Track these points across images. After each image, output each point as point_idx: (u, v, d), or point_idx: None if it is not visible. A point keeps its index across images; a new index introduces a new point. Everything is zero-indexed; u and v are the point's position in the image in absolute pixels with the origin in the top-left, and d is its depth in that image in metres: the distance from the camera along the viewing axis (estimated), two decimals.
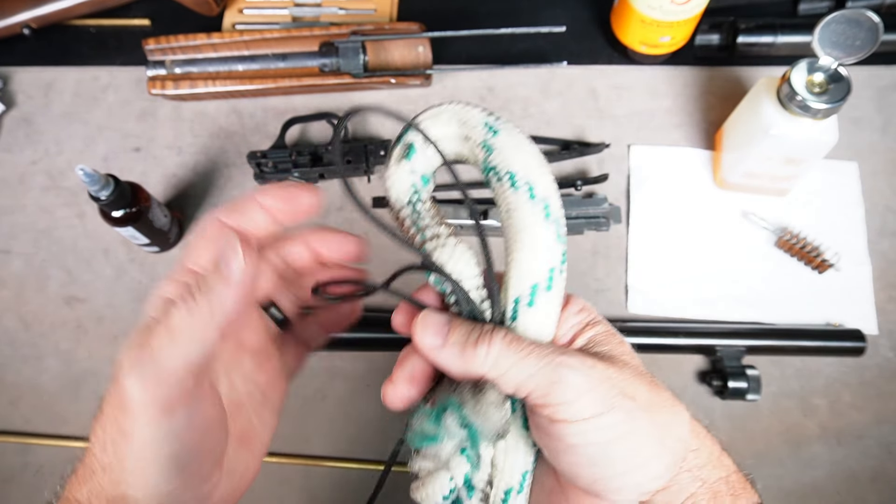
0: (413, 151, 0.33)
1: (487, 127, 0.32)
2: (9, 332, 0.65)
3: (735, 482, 0.30)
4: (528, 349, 0.29)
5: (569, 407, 0.28)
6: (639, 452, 0.29)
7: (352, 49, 0.67)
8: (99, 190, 0.55)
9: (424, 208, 0.34)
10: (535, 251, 0.31)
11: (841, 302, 0.62)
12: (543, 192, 0.31)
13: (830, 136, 0.55)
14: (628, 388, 0.29)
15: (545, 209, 0.31)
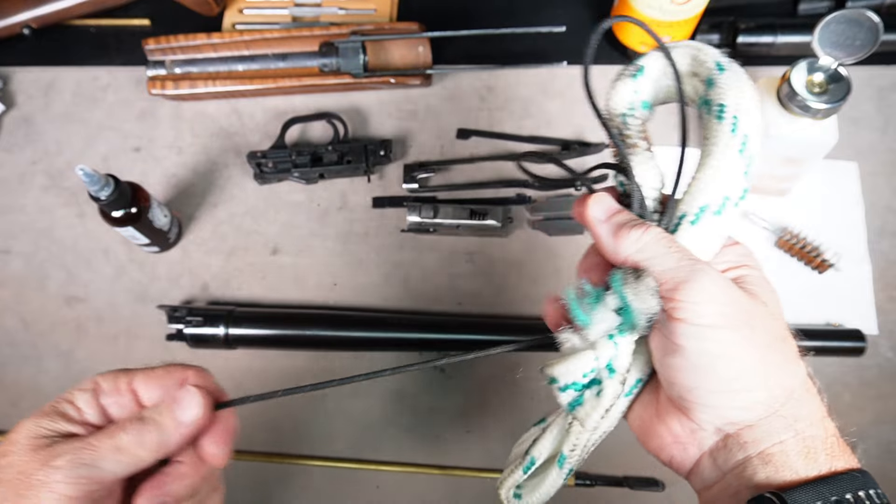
0: (641, 73, 0.36)
1: (717, 65, 0.35)
2: (9, 332, 0.65)
3: (833, 445, 0.31)
4: (677, 248, 0.31)
5: (691, 307, 0.29)
6: (739, 377, 0.29)
7: (352, 49, 0.67)
8: (99, 190, 0.55)
9: (634, 123, 0.37)
10: (717, 175, 0.32)
11: (841, 302, 0.62)
12: (746, 129, 0.32)
13: (830, 136, 0.55)
14: (755, 320, 0.30)
15: (742, 143, 0.32)
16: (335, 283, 0.64)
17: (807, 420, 0.31)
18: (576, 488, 0.56)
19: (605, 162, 0.36)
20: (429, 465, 0.58)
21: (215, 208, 0.68)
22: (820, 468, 0.29)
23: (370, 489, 0.58)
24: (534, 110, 0.70)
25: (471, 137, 0.69)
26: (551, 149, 0.68)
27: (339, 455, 0.59)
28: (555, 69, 0.71)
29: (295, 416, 0.60)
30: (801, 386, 0.31)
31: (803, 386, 0.31)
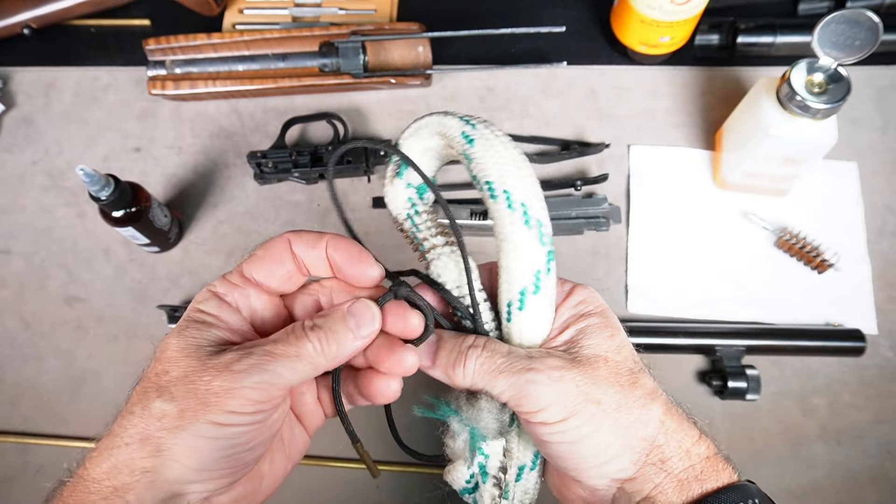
0: (404, 168, 0.35)
1: (464, 136, 0.33)
2: (9, 332, 0.65)
3: (705, 468, 0.33)
4: (500, 366, 0.33)
5: (538, 414, 0.32)
6: (603, 451, 0.32)
7: (352, 49, 0.67)
8: (99, 190, 0.55)
9: (421, 220, 0.36)
10: (519, 258, 0.33)
11: (840, 302, 0.62)
12: (521, 198, 0.32)
13: (830, 137, 0.55)
14: (595, 393, 0.32)
15: (524, 215, 0.32)
16: None
17: (676, 457, 0.33)
18: None
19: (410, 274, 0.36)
20: (429, 465, 0.58)
21: (215, 208, 0.68)
22: (693, 495, 0.32)
23: (370, 489, 0.58)
24: (534, 110, 0.70)
25: None
26: (551, 149, 0.68)
27: (339, 455, 0.59)
28: (555, 69, 0.71)
29: None
30: (659, 429, 0.33)
31: (661, 428, 0.33)
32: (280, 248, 0.35)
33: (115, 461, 0.31)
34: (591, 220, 0.64)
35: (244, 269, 0.35)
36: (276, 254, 0.35)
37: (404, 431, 0.60)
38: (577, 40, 0.73)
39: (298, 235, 0.35)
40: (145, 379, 0.32)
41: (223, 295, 0.35)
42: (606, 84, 0.71)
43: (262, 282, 0.35)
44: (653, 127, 0.69)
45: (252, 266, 0.35)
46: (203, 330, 0.33)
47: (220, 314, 0.34)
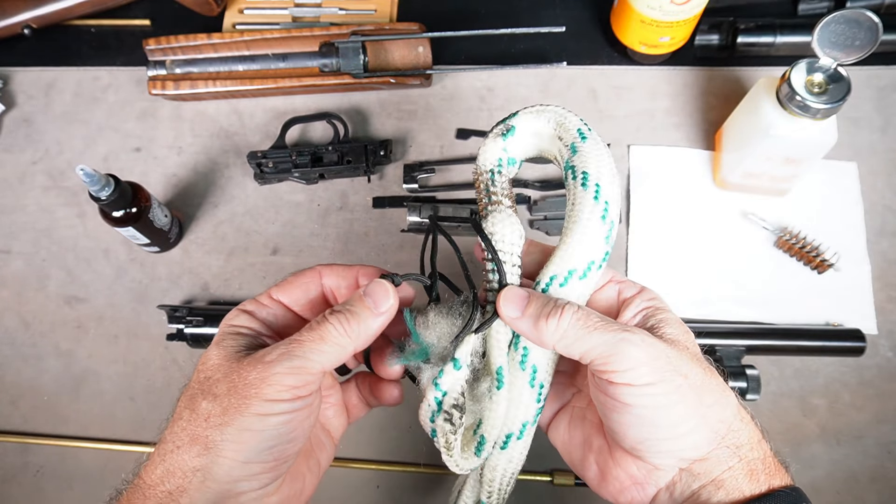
0: (511, 133, 0.38)
1: (579, 133, 0.37)
2: (9, 332, 0.65)
3: (770, 465, 0.34)
4: (595, 324, 0.33)
5: (627, 373, 0.32)
6: (683, 422, 0.33)
7: (352, 49, 0.67)
8: (99, 190, 0.55)
9: (500, 180, 0.39)
10: (583, 242, 0.35)
11: (840, 302, 0.62)
12: (607, 196, 0.35)
13: (830, 137, 0.55)
14: (683, 367, 0.33)
15: (604, 210, 0.35)
16: None
17: (747, 445, 0.34)
18: (575, 488, 0.56)
19: (472, 219, 0.39)
20: (429, 465, 0.58)
21: (215, 208, 0.68)
22: (762, 487, 0.33)
23: (370, 489, 0.58)
24: None
25: (471, 137, 0.69)
26: None
27: (339, 455, 0.59)
28: (555, 69, 0.71)
29: None
30: (736, 415, 0.34)
31: (737, 415, 0.34)
32: (309, 278, 0.39)
33: (168, 465, 0.32)
34: None
35: (273, 292, 0.39)
36: (304, 283, 0.39)
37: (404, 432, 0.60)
38: (577, 40, 0.73)
39: (330, 268, 0.39)
40: (190, 388, 0.35)
41: (252, 312, 0.38)
42: (606, 84, 0.71)
43: (288, 304, 0.39)
44: (653, 127, 0.69)
45: (280, 291, 0.39)
46: (238, 339, 0.36)
47: (251, 325, 0.37)
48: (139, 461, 0.34)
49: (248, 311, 0.38)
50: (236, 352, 0.35)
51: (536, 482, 0.57)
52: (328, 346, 0.34)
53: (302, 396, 0.33)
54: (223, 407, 0.32)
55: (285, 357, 0.33)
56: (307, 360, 0.33)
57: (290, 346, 0.34)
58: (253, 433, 0.32)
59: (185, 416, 0.33)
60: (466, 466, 0.37)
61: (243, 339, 0.36)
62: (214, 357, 0.35)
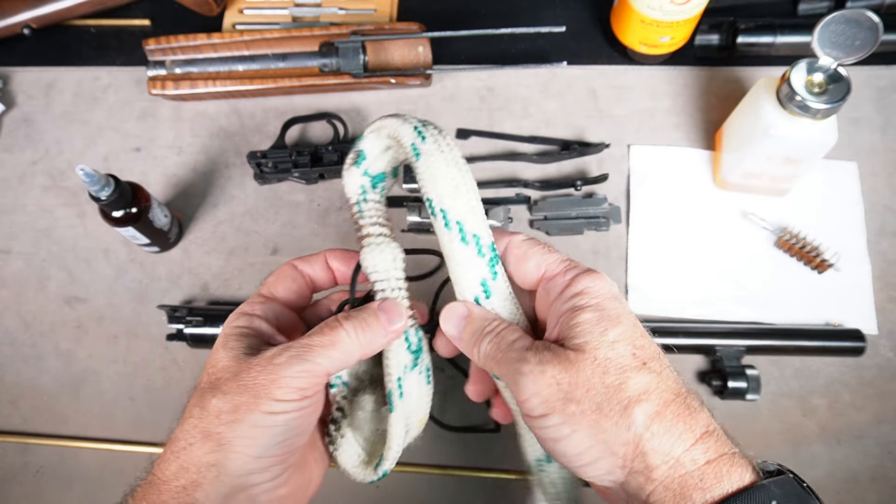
0: (363, 158, 0.38)
1: (413, 148, 0.35)
2: (9, 332, 0.65)
3: (707, 474, 0.30)
4: (502, 354, 0.35)
5: (523, 405, 0.33)
6: (585, 452, 0.32)
7: (352, 49, 0.67)
8: (99, 190, 0.55)
9: (367, 208, 0.39)
10: (463, 271, 0.36)
11: (840, 302, 0.62)
12: (457, 217, 0.35)
13: (830, 137, 0.55)
14: (576, 392, 0.32)
15: (460, 233, 0.35)
16: None
17: (664, 465, 0.30)
18: None
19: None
20: (429, 465, 0.58)
21: (215, 208, 0.68)
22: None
23: (370, 489, 0.58)
24: (534, 110, 0.70)
25: (470, 137, 0.69)
26: (551, 149, 0.68)
27: None
28: (555, 69, 0.71)
29: None
30: (643, 433, 0.31)
31: (646, 433, 0.31)
32: (287, 269, 0.41)
33: (182, 461, 0.33)
34: (591, 220, 0.64)
35: (263, 290, 0.40)
36: (286, 273, 0.41)
37: None
38: (577, 40, 0.73)
39: (300, 258, 0.41)
40: (199, 388, 0.35)
41: (251, 311, 0.39)
42: (606, 84, 0.71)
43: (281, 297, 0.40)
44: (653, 127, 0.69)
45: (270, 286, 0.40)
46: (242, 339, 0.36)
47: (252, 325, 0.38)
48: (152, 459, 0.35)
49: (245, 311, 0.39)
50: (244, 353, 0.35)
51: None
52: (338, 351, 0.35)
53: (309, 396, 0.34)
54: (234, 405, 0.33)
55: (296, 361, 0.34)
56: (316, 364, 0.34)
57: (300, 349, 0.35)
58: (264, 429, 0.33)
59: (196, 414, 0.34)
60: (359, 476, 0.40)
61: (248, 340, 0.37)
62: (223, 359, 0.35)
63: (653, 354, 0.33)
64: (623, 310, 0.34)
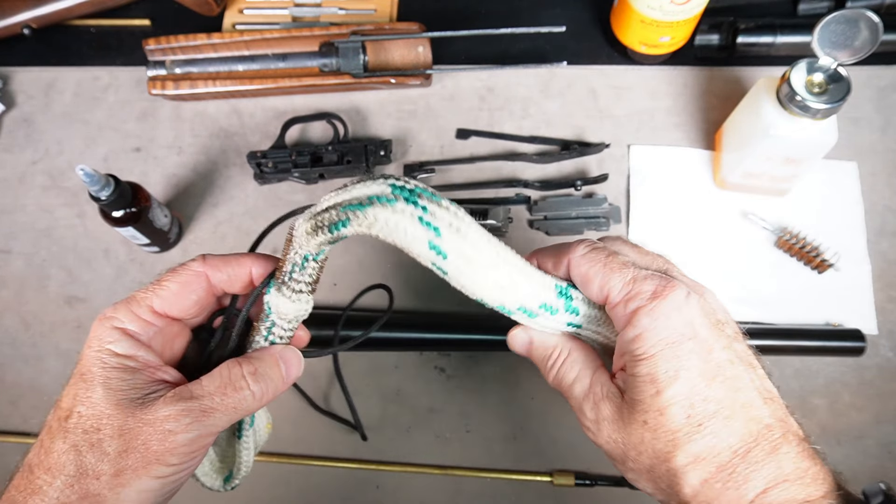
0: (344, 226, 0.32)
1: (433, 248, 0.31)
2: (9, 332, 0.65)
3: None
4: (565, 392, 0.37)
5: None
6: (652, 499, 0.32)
7: (352, 49, 0.67)
8: (99, 190, 0.55)
9: (311, 266, 0.35)
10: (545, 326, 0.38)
11: (840, 302, 0.62)
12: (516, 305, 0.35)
13: (830, 137, 0.55)
14: (629, 452, 0.32)
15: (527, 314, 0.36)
16: (335, 283, 0.64)
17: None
18: (575, 488, 0.56)
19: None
20: (429, 465, 0.58)
21: (215, 208, 0.68)
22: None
23: (370, 489, 0.58)
24: (534, 110, 0.70)
25: (470, 137, 0.69)
26: (551, 149, 0.68)
27: (339, 455, 0.59)
28: (555, 69, 0.71)
29: (294, 416, 0.60)
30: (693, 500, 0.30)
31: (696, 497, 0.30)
32: (193, 279, 0.35)
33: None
34: (591, 220, 0.64)
35: (155, 305, 0.34)
36: (191, 286, 0.35)
37: (404, 431, 0.60)
38: (577, 40, 0.73)
39: (214, 264, 0.36)
40: (71, 432, 0.31)
41: (134, 333, 0.33)
42: (606, 84, 0.71)
43: (177, 316, 0.35)
44: (653, 127, 0.69)
45: (164, 302, 0.34)
46: (127, 378, 0.32)
47: (138, 354, 0.33)
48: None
49: (129, 332, 0.33)
50: (129, 399, 0.31)
51: (536, 482, 0.57)
52: (239, 414, 0.33)
53: (202, 453, 0.33)
54: (118, 468, 0.30)
55: (192, 428, 0.31)
56: (213, 427, 0.32)
57: (200, 416, 0.31)
58: (150, 493, 0.32)
59: (70, 471, 0.30)
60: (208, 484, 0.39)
61: (133, 380, 0.32)
62: (101, 402, 0.31)
63: (715, 409, 0.30)
64: (683, 359, 0.30)
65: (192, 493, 0.40)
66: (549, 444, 0.59)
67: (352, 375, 0.61)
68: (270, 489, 0.58)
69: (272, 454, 0.59)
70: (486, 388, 0.61)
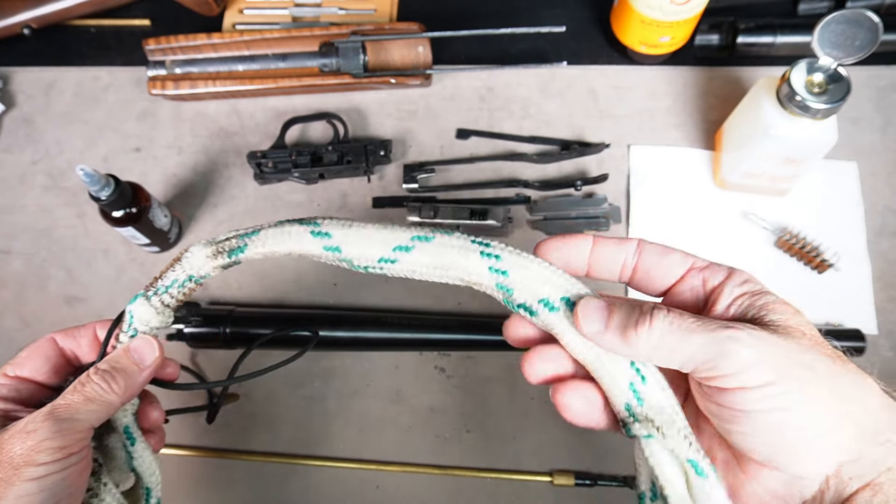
0: (241, 252, 0.36)
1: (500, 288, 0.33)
2: (9, 332, 0.65)
3: None
4: (690, 326, 0.29)
5: (739, 376, 0.28)
6: (820, 421, 0.27)
7: (352, 49, 0.67)
8: (99, 190, 0.55)
9: (188, 285, 0.37)
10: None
11: (840, 302, 0.62)
12: None
13: (830, 136, 0.55)
14: (805, 358, 0.28)
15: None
16: (335, 283, 0.64)
17: None
18: (575, 488, 0.56)
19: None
20: (429, 465, 0.58)
21: (215, 208, 0.68)
22: None
23: (370, 489, 0.58)
24: (533, 110, 0.70)
25: (470, 137, 0.69)
26: (551, 149, 0.68)
27: (339, 455, 0.59)
28: (555, 69, 0.71)
29: (295, 416, 0.60)
30: (884, 404, 0.28)
31: (886, 404, 0.29)
32: (45, 346, 0.40)
33: None
34: (591, 220, 0.64)
35: (7, 370, 0.39)
36: (39, 353, 0.39)
37: (404, 432, 0.60)
38: (577, 40, 0.73)
39: (63, 333, 0.40)
40: None
41: None
42: (606, 84, 0.71)
43: (29, 377, 0.39)
44: (653, 127, 0.69)
45: (16, 367, 0.39)
46: None
47: None
48: None
49: None
50: None
51: (536, 482, 0.57)
52: (95, 405, 0.35)
53: (75, 453, 0.34)
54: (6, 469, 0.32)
55: (50, 421, 0.33)
56: (74, 421, 0.34)
57: (54, 410, 0.34)
58: (31, 497, 0.32)
59: None
60: None
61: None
62: None
63: None
64: None
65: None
66: (549, 444, 0.59)
67: (352, 375, 0.61)
68: (270, 489, 0.58)
69: (273, 454, 0.59)
70: (486, 388, 0.61)
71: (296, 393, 0.60)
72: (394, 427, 0.60)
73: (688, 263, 0.33)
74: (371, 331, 0.60)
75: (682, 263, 0.33)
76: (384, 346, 0.61)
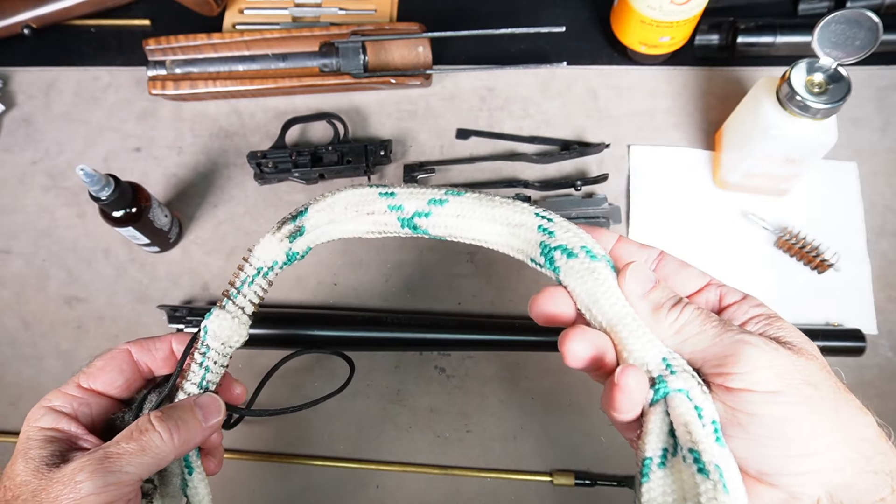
0: (300, 234, 0.36)
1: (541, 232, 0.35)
2: (9, 332, 0.65)
3: None
4: (713, 324, 0.31)
5: (747, 377, 0.29)
6: (818, 436, 0.28)
7: (352, 49, 0.67)
8: (99, 190, 0.55)
9: (261, 282, 0.37)
10: None
11: (840, 302, 0.62)
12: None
13: (830, 137, 0.55)
14: (812, 377, 0.29)
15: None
16: (336, 283, 0.64)
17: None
18: (575, 488, 0.56)
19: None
20: (429, 465, 0.58)
21: (215, 208, 0.68)
22: None
23: (370, 489, 0.58)
24: (533, 110, 0.70)
25: (470, 137, 0.69)
26: (551, 149, 0.68)
27: (339, 455, 0.59)
28: (555, 69, 0.71)
29: (295, 416, 0.60)
30: (880, 435, 0.30)
31: (881, 435, 0.30)
32: (120, 358, 0.38)
33: None
34: (591, 220, 0.64)
35: (81, 381, 0.37)
36: (115, 364, 0.38)
37: (404, 432, 0.60)
38: (577, 40, 0.73)
39: (138, 344, 0.39)
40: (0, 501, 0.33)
41: (60, 407, 0.36)
42: (606, 84, 0.71)
43: (102, 391, 0.37)
44: (653, 127, 0.69)
45: (91, 378, 0.37)
46: (45, 447, 0.34)
47: (59, 425, 0.35)
48: None
49: (55, 408, 0.36)
50: (45, 464, 0.33)
51: (536, 482, 0.57)
52: (149, 457, 0.34)
53: (123, 499, 0.33)
54: None
55: (99, 474, 0.32)
56: (123, 474, 0.33)
57: (104, 461, 0.32)
58: None
59: None
60: None
61: (52, 447, 0.34)
62: (21, 472, 0.33)
63: None
64: None
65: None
66: (549, 444, 0.59)
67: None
68: (270, 489, 0.58)
69: (273, 454, 0.59)
70: (486, 388, 0.61)
71: (296, 393, 0.60)
72: (394, 427, 0.60)
73: (706, 279, 0.35)
74: (371, 331, 0.60)
75: (701, 277, 0.35)
76: (384, 346, 0.61)
